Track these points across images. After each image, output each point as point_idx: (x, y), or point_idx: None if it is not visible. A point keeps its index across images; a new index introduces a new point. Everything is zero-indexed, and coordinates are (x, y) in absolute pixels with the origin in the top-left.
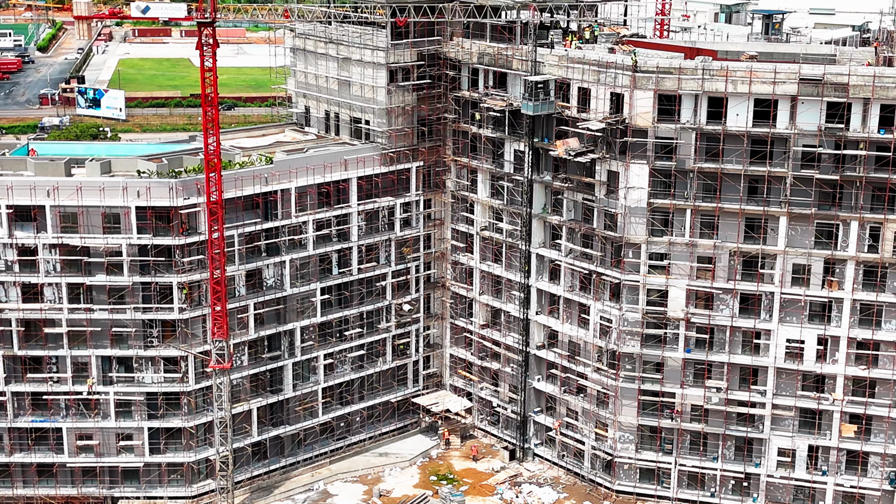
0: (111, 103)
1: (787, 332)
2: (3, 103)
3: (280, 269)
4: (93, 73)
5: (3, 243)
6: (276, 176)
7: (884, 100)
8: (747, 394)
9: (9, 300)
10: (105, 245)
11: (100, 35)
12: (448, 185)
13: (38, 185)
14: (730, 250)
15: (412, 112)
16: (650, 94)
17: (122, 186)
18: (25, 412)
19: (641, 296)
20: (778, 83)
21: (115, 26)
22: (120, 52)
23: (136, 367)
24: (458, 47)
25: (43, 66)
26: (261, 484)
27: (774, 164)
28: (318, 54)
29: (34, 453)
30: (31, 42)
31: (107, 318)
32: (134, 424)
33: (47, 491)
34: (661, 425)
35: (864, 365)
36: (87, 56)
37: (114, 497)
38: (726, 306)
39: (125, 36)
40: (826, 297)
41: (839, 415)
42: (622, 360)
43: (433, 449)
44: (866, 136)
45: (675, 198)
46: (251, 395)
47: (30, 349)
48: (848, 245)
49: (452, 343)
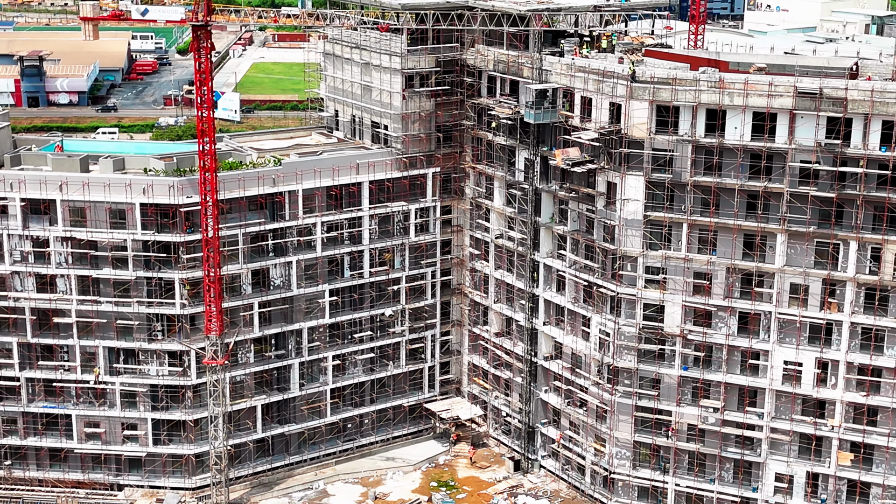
0: (227, 105)
1: (784, 354)
2: (131, 103)
3: (287, 269)
4: (224, 76)
5: (18, 235)
6: (282, 177)
7: (885, 116)
8: (745, 415)
9: (24, 289)
10: (110, 240)
11: (240, 39)
12: (467, 192)
13: (49, 180)
14: (726, 267)
15: (429, 118)
16: (646, 105)
17: (126, 184)
18: (38, 398)
19: (638, 310)
20: (774, 96)
21: (259, 31)
22: (256, 56)
23: (141, 359)
24: (477, 54)
25: (178, 69)
26: (262, 480)
27: (773, 180)
28: (344, 59)
29: (45, 438)
30: (173, 45)
31: (112, 310)
32: (138, 415)
33: (57, 475)
34: (657, 443)
35: (864, 391)
36: (221, 60)
37: (119, 484)
38: (724, 324)
39: (265, 41)
40: (824, 319)
41: (837, 442)
42: (618, 374)
43: (441, 455)
44: (866, 154)
45: (671, 211)
46: (255, 393)
47: (42, 337)
48: (847, 266)
49: (470, 350)
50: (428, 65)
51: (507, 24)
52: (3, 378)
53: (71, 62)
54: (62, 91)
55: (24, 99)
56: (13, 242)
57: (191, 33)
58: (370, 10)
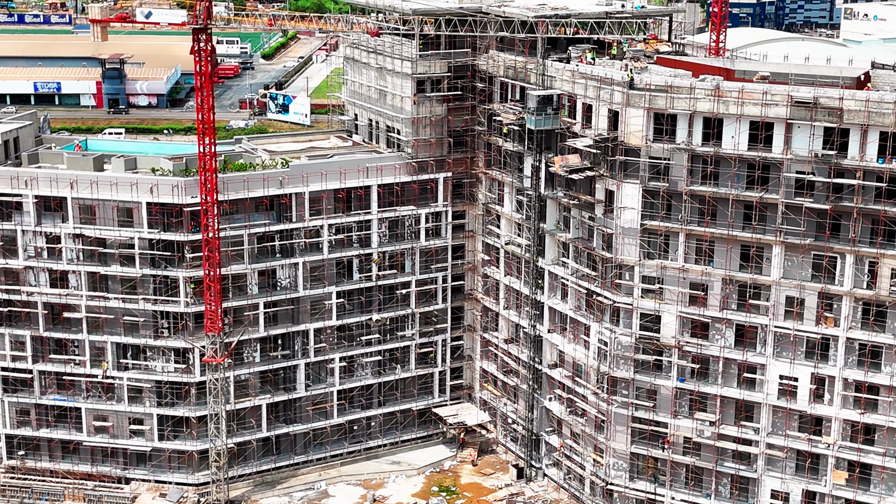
0: (298, 109)
1: (780, 369)
2: None
3: (294, 270)
4: (303, 80)
5: (32, 231)
6: (287, 179)
7: (882, 127)
8: (741, 430)
9: (37, 284)
10: (118, 237)
11: (324, 45)
12: (479, 198)
13: (59, 178)
14: (722, 277)
15: (441, 123)
16: (643, 112)
17: (132, 183)
18: (50, 390)
19: (634, 320)
20: (769, 105)
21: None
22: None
23: (149, 355)
24: (490, 60)
25: (260, 73)
26: (265, 479)
27: (769, 191)
28: (362, 64)
29: (57, 430)
30: (258, 50)
31: (120, 307)
32: (144, 410)
33: (67, 466)
34: (652, 454)
35: (861, 409)
36: (304, 64)
37: (126, 478)
38: (721, 336)
39: None
40: (819, 333)
41: (832, 460)
42: (615, 384)
43: (448, 460)
44: (862, 165)
45: (667, 220)
46: (260, 392)
47: (53, 332)
48: (843, 280)
49: (482, 356)
50: (440, 70)
51: (522, 30)
52: (16, 370)
53: (154, 65)
54: (142, 93)
55: (105, 100)
56: (27, 238)
57: (276, 39)
58: (386, 14)
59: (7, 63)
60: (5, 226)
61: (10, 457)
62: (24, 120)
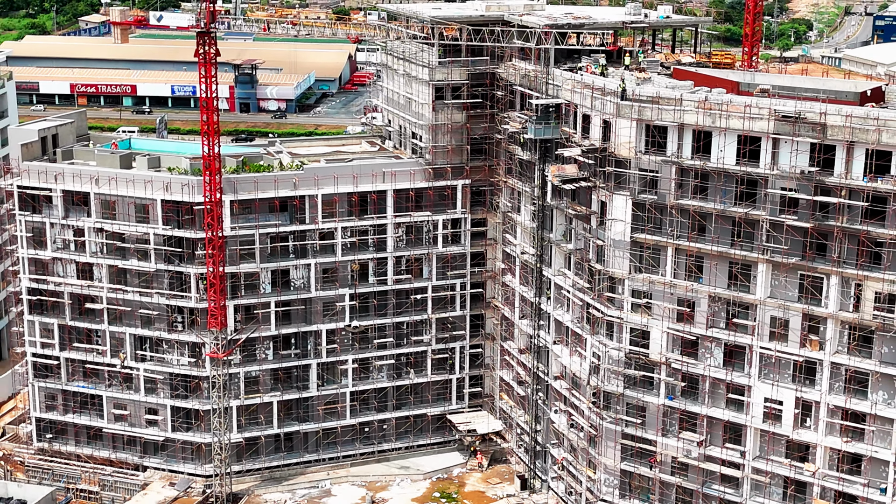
0: None
1: (765, 391)
2: (336, 111)
3: (307, 271)
4: None
5: (60, 224)
6: (297, 181)
7: (867, 144)
8: (727, 452)
9: (65, 275)
10: (134, 232)
11: None
12: (500, 206)
13: (83, 174)
14: (708, 294)
15: (460, 130)
16: (633, 124)
17: (146, 181)
18: (75, 378)
19: (625, 334)
20: (755, 119)
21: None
22: None
23: (164, 348)
24: (510, 68)
25: None
26: (274, 474)
27: (757, 207)
28: (393, 70)
29: (81, 416)
30: None
31: (137, 300)
32: (159, 401)
33: (90, 451)
34: (640, 472)
35: (846, 437)
36: None
37: (144, 465)
38: (710, 355)
39: None
40: (803, 356)
41: (818, 488)
42: (606, 399)
43: (457, 467)
44: (843, 183)
45: (656, 234)
46: (271, 389)
47: (78, 321)
48: (828, 302)
49: (502, 365)
50: (459, 77)
51: (532, 39)
52: (46, 357)
53: (291, 72)
54: (271, 98)
55: (237, 105)
56: (55, 231)
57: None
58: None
59: (146, 67)
60: (35, 218)
61: (40, 439)
62: (68, 119)
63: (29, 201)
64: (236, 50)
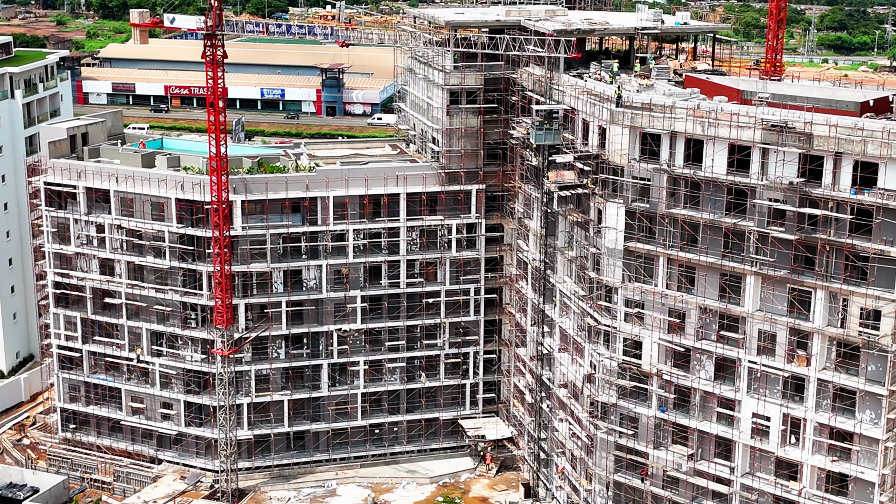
0: None
1: (753, 406)
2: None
3: (318, 272)
4: None
5: (83, 220)
6: (308, 183)
7: (854, 155)
8: (717, 467)
9: (88, 270)
10: (150, 230)
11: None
12: (515, 211)
13: (103, 172)
14: (697, 305)
15: (475, 135)
16: (626, 131)
17: (160, 179)
18: (97, 370)
19: (618, 344)
20: (743, 128)
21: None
22: None
23: (179, 344)
24: (525, 73)
25: None
26: (283, 472)
27: (745, 218)
28: (415, 74)
29: (101, 407)
30: None
31: (152, 296)
32: (172, 396)
33: (110, 442)
34: (632, 484)
35: (833, 456)
36: None
37: (158, 458)
38: (702, 367)
39: None
40: (789, 371)
41: None
42: (600, 409)
43: (466, 472)
44: (829, 195)
45: (648, 243)
46: (282, 388)
47: (99, 315)
48: (815, 317)
49: (516, 372)
50: (474, 82)
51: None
52: (69, 349)
53: (381, 76)
54: (357, 102)
55: (324, 108)
56: (79, 226)
57: None
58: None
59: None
60: (60, 214)
61: (65, 429)
62: (99, 118)
63: (55, 198)
64: (329, 55)
